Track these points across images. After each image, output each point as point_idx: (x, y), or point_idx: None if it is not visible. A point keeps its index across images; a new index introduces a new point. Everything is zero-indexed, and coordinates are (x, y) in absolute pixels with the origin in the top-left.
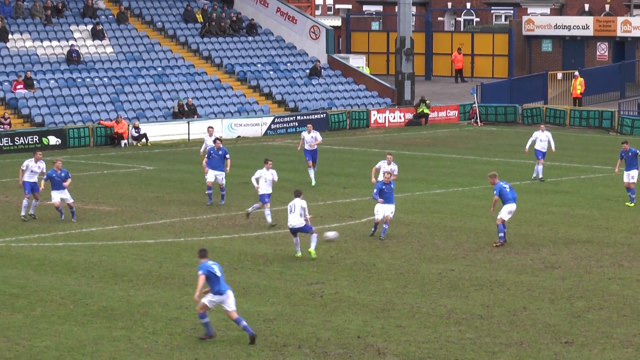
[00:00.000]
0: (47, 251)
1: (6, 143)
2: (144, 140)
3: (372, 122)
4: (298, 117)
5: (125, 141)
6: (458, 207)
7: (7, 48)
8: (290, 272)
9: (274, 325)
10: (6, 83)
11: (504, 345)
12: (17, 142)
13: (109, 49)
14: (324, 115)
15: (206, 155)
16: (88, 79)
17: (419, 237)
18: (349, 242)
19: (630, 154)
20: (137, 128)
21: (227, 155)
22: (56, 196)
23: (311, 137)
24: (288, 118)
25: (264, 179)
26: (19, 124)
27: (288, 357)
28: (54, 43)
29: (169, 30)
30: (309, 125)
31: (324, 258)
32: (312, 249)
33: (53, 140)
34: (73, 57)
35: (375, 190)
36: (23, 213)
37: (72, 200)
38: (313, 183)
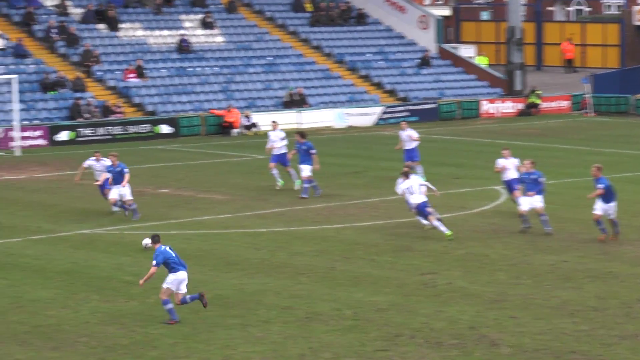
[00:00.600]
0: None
1: (119, 131)
2: (254, 129)
3: (482, 112)
4: (409, 107)
5: (237, 130)
6: (570, 198)
7: (118, 37)
8: (403, 262)
9: (387, 315)
10: (118, 72)
11: (618, 337)
12: (130, 130)
13: (219, 39)
14: (435, 105)
15: (294, 149)
16: (199, 68)
17: (531, 227)
18: (462, 232)
19: None
20: (248, 117)
21: (313, 150)
22: (114, 192)
23: (406, 135)
24: (399, 108)
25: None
26: (131, 113)
27: (401, 347)
28: (165, 32)
29: (278, 20)
30: (402, 123)
31: (436, 249)
32: (446, 232)
33: (165, 129)
34: (183, 47)
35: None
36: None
37: (130, 198)
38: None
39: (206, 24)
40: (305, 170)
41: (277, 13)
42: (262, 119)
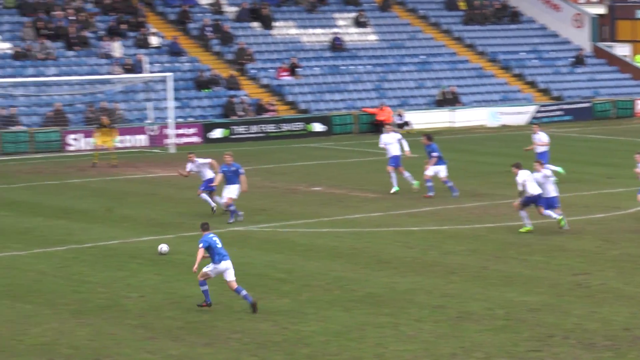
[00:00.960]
0: (312, 237)
1: (273, 129)
2: (407, 127)
3: (638, 111)
4: (563, 106)
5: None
6: None
7: (272, 35)
8: (555, 262)
9: (539, 315)
10: (271, 70)
11: None
12: (283, 128)
13: (372, 37)
14: (589, 104)
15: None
16: (352, 67)
17: None
18: (615, 233)
19: None
20: (400, 115)
21: (434, 153)
22: (227, 193)
23: (537, 139)
24: (552, 107)
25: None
26: (284, 111)
27: (554, 348)
28: (318, 30)
29: (431, 18)
30: (534, 126)
31: (589, 249)
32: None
33: (318, 127)
34: (337, 45)
35: None
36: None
37: (226, 199)
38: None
39: (359, 23)
40: (441, 171)
41: (431, 11)
42: (415, 118)
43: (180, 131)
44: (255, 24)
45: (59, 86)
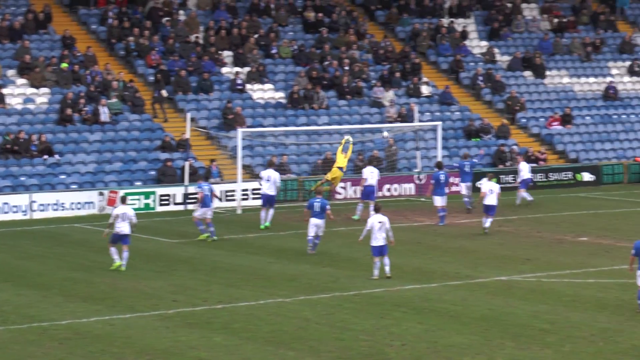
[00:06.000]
0: (578, 287)
1: (541, 178)
2: None
3: None
4: None
5: None
6: None
7: (545, 84)
8: None
9: None
10: (542, 119)
11: None
12: (550, 177)
13: None
14: None
15: None
16: (624, 116)
17: None
18: None
19: None
20: None
21: None
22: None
23: None
24: None
25: None
26: (554, 160)
27: None
28: (591, 79)
29: None
30: None
31: None
32: None
33: (587, 176)
34: (610, 94)
35: None
36: None
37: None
38: None
39: (633, 72)
40: None
41: None
42: None
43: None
44: (527, 73)
45: (329, 135)
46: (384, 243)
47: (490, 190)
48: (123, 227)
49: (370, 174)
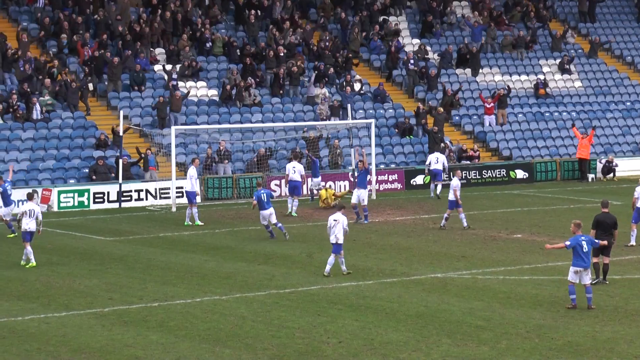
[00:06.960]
0: (513, 284)
1: (474, 176)
2: (611, 175)
3: None
4: None
5: (592, 176)
6: None
7: (477, 82)
8: None
9: None
10: (475, 116)
11: None
12: (484, 175)
13: (577, 83)
14: None
15: None
16: (556, 113)
17: None
18: None
19: None
20: (610, 162)
21: None
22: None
23: None
24: None
25: None
26: (487, 157)
27: None
28: (523, 77)
29: (638, 65)
30: None
31: None
32: None
33: (520, 174)
34: (541, 91)
35: None
36: None
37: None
38: None
39: (564, 69)
40: None
41: (638, 57)
42: (620, 165)
43: (382, 177)
44: (459, 71)
45: (263, 132)
46: (336, 241)
47: (436, 159)
48: (30, 224)
49: (293, 169)
